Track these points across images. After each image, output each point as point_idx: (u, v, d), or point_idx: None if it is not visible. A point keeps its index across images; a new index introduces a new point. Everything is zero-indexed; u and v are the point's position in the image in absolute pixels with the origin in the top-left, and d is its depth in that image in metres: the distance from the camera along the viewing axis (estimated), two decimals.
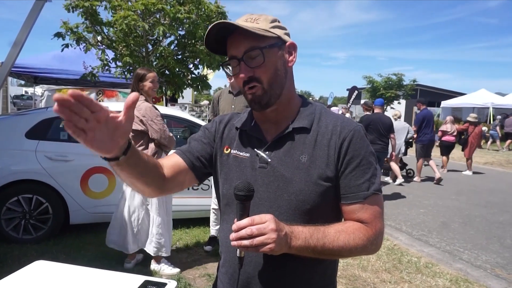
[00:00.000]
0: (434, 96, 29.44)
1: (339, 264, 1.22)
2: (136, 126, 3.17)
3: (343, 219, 1.10)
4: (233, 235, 0.89)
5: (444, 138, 9.80)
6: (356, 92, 18.37)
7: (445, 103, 22.44)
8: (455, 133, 9.71)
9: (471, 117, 10.40)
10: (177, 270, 3.43)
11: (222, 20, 1.00)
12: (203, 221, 4.55)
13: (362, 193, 1.02)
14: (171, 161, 1.12)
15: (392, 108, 26.54)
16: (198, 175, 1.15)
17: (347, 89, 20.14)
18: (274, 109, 1.08)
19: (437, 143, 9.88)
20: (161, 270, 3.41)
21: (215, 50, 1.09)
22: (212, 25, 0.99)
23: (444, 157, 10.22)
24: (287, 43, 1.07)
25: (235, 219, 0.91)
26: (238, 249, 0.93)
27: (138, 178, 0.99)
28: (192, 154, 1.14)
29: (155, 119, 3.19)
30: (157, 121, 3.19)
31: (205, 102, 19.18)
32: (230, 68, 1.08)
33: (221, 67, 4.21)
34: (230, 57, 1.04)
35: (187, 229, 4.56)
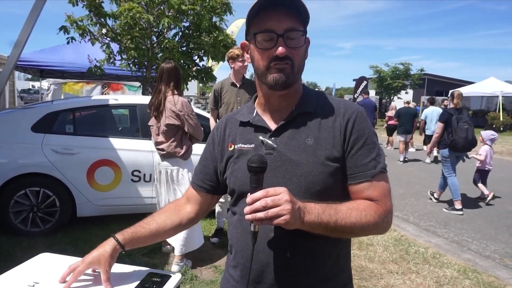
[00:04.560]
0: (442, 85, 29.07)
1: None
2: (172, 120, 3.25)
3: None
4: (247, 209, 0.88)
5: (389, 122, 12.18)
6: (365, 82, 18.10)
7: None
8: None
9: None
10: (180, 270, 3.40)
11: None
12: (209, 214, 4.56)
13: (370, 172, 1.03)
14: (193, 194, 1.25)
15: (399, 98, 26.33)
16: (220, 192, 1.24)
17: (354, 80, 19.95)
18: (283, 94, 1.07)
19: (384, 126, 12.79)
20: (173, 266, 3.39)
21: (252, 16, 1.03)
22: None
23: (390, 137, 12.68)
24: (307, 36, 1.08)
25: (249, 194, 0.91)
26: (252, 224, 0.93)
27: (156, 240, 1.22)
28: (205, 181, 1.22)
29: (191, 114, 3.29)
30: (192, 116, 3.29)
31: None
32: (258, 40, 1.02)
33: (225, 59, 4.17)
34: (267, 30, 1.00)
35: None
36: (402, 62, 27.28)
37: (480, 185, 6.31)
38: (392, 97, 26.72)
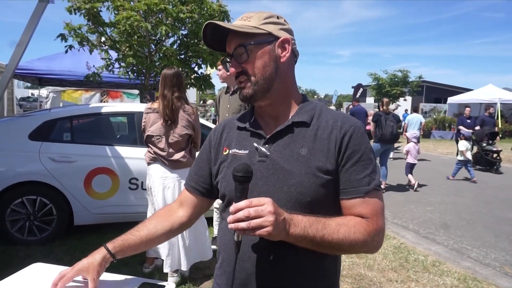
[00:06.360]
0: (441, 92, 29.20)
1: (345, 263, 1.19)
2: (190, 130, 3.29)
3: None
4: (230, 218, 0.87)
5: (367, 128, 13.08)
6: (361, 89, 18.29)
7: (451, 99, 22.24)
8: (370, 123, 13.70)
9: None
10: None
11: (212, 21, 1.05)
12: (207, 221, 4.52)
13: (363, 188, 1.01)
14: (186, 197, 1.23)
15: (399, 105, 26.38)
16: (213, 196, 1.22)
17: (352, 87, 20.06)
18: (268, 104, 1.10)
19: None
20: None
21: (218, 48, 1.13)
22: (204, 26, 1.05)
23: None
24: (280, 39, 1.06)
25: (234, 203, 0.90)
26: (235, 233, 0.91)
27: (149, 247, 1.20)
28: (200, 183, 1.21)
29: (199, 123, 3.44)
30: (200, 125, 3.45)
31: (210, 101, 19.24)
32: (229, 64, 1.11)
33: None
34: (227, 54, 1.09)
35: None
36: (401, 69, 27.37)
37: (409, 176, 7.78)
38: (391, 103, 26.78)
